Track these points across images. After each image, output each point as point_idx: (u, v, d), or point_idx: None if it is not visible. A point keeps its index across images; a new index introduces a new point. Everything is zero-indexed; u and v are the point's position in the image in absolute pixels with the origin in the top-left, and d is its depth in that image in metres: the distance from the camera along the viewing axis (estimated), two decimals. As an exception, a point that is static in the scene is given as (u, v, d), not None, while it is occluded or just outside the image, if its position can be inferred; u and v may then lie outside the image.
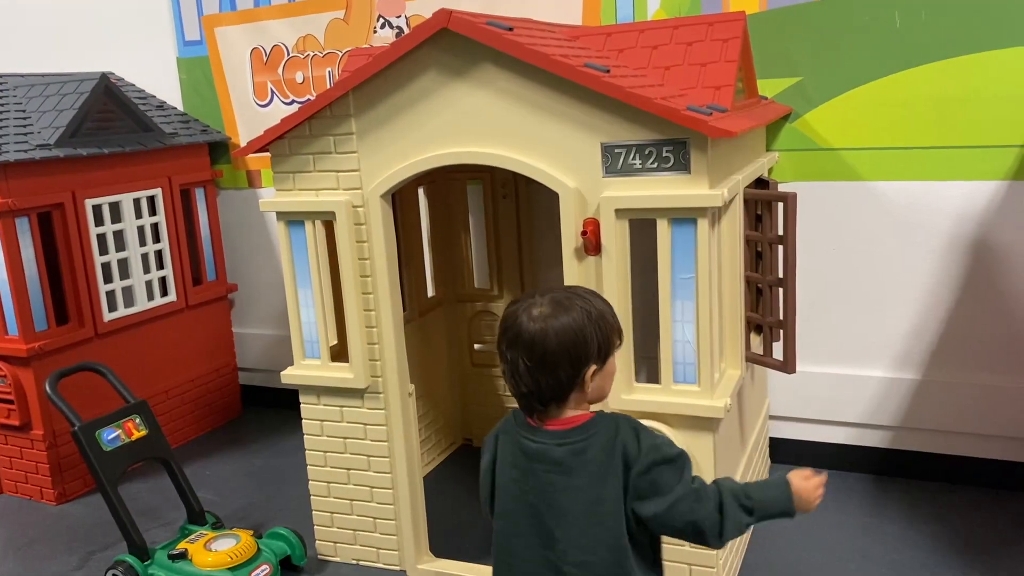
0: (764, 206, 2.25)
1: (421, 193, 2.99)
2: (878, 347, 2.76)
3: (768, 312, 2.29)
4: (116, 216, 3.17)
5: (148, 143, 3.25)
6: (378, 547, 2.46)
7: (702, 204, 1.89)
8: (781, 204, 2.19)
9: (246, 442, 3.50)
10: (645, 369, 2.33)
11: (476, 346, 3.18)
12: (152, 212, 3.31)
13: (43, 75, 3.34)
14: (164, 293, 3.38)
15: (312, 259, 2.32)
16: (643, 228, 2.00)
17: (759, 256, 2.30)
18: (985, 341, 2.63)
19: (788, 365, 2.24)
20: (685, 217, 1.91)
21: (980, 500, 2.65)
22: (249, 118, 3.56)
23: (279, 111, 3.40)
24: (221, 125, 3.62)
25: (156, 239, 3.33)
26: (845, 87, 2.62)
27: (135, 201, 3.23)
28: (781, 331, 2.28)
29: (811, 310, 2.75)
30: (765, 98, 2.67)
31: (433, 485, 2.77)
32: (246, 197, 3.65)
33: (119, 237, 3.19)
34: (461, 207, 3.09)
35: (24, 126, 2.98)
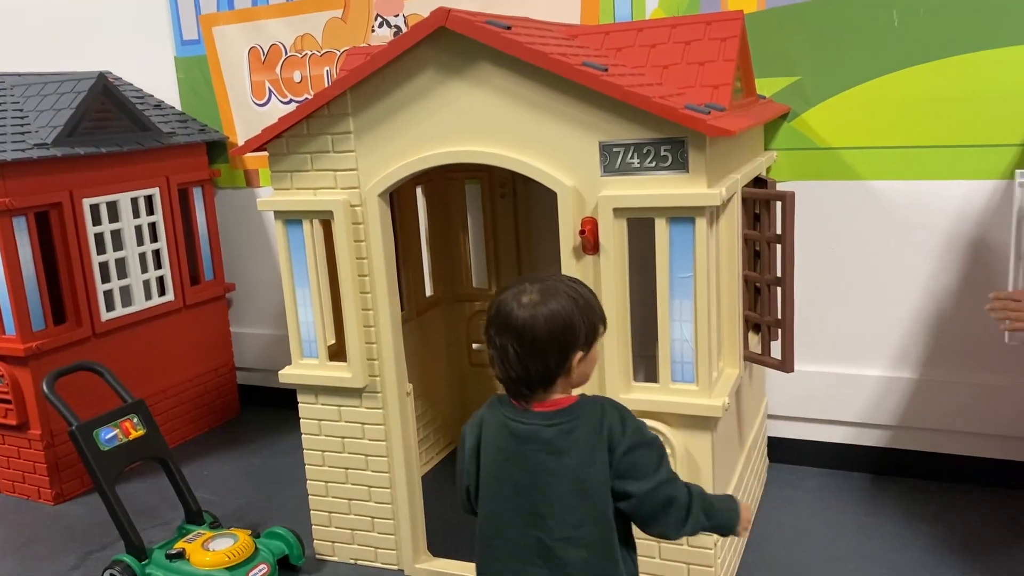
0: (762, 205, 2.25)
1: (419, 192, 2.99)
2: (876, 346, 2.76)
3: (766, 311, 2.29)
4: (114, 216, 3.17)
5: (146, 142, 3.25)
6: (376, 546, 2.46)
7: (700, 203, 1.89)
8: (779, 203, 2.19)
9: (244, 442, 3.50)
10: (644, 368, 2.33)
11: (474, 346, 3.18)
12: (150, 211, 3.31)
13: (40, 74, 3.34)
14: (162, 293, 3.38)
15: (310, 258, 2.32)
16: (641, 227, 2.00)
17: (757, 255, 2.31)
18: (983, 340, 2.63)
19: (786, 364, 2.24)
20: (683, 216, 1.91)
21: (978, 499, 2.65)
22: (247, 117, 3.55)
23: (277, 110, 3.39)
24: (219, 124, 3.62)
25: (154, 239, 3.33)
26: (843, 86, 2.62)
27: (133, 200, 3.23)
28: (779, 330, 2.28)
29: (809, 309, 2.76)
30: (763, 97, 2.67)
31: (431, 484, 2.78)
32: (244, 196, 3.65)
33: (117, 237, 3.18)
34: (459, 206, 3.09)
35: (21, 125, 2.98)
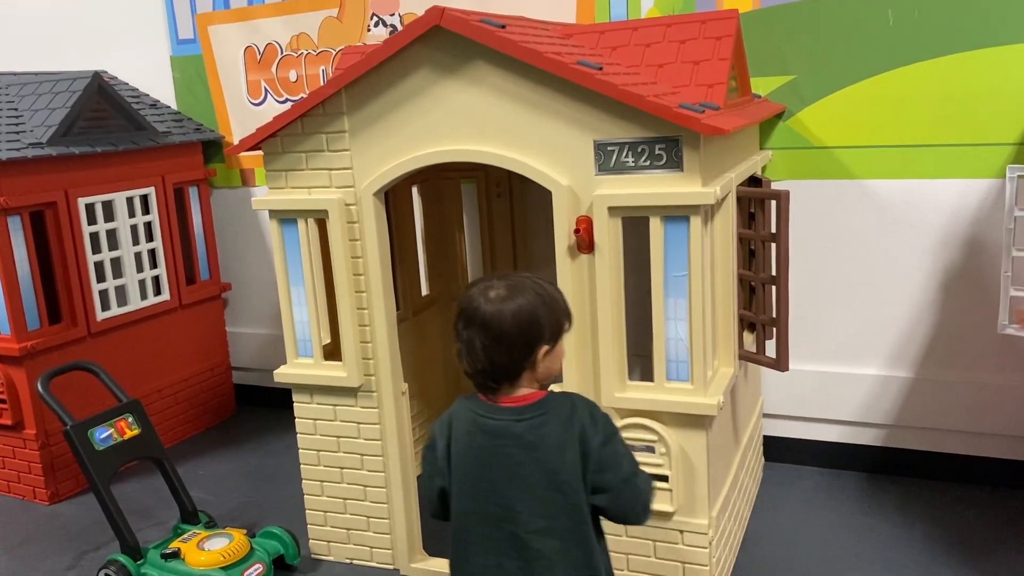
0: (757, 204, 2.25)
1: (415, 191, 2.99)
2: (871, 345, 2.77)
3: (761, 310, 2.30)
4: (109, 215, 3.16)
5: (141, 142, 3.24)
6: (372, 546, 2.46)
7: (695, 202, 1.89)
8: (774, 202, 2.19)
9: (239, 441, 3.49)
10: (639, 367, 2.33)
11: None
12: (145, 211, 3.30)
13: (36, 74, 3.33)
14: (157, 292, 3.37)
15: (305, 258, 2.31)
16: (636, 226, 2.00)
17: (752, 254, 2.31)
18: (978, 339, 2.63)
19: (781, 363, 2.24)
20: (678, 215, 1.91)
21: (973, 498, 2.65)
22: (243, 117, 3.55)
23: (273, 109, 3.39)
24: (215, 124, 3.61)
25: (149, 238, 3.32)
26: (838, 85, 2.62)
27: (128, 200, 3.22)
28: (774, 329, 2.28)
29: (804, 308, 2.76)
30: (758, 96, 2.67)
31: (427, 484, 2.77)
32: (240, 196, 3.65)
33: (112, 236, 3.18)
34: (455, 205, 3.09)
35: (16, 125, 2.97)
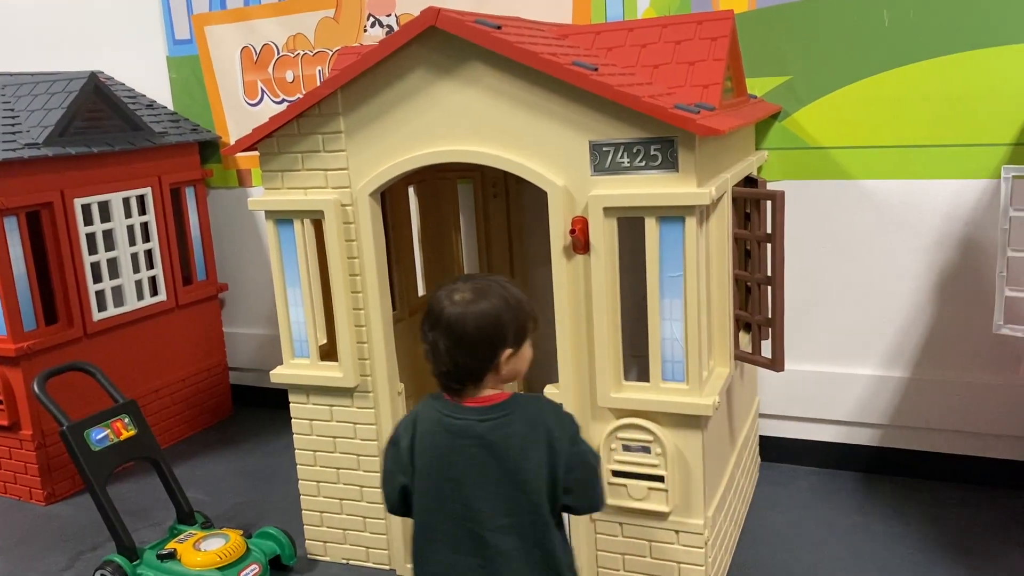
0: (752, 204, 2.25)
1: (411, 192, 2.98)
2: (867, 345, 2.77)
3: (757, 310, 2.30)
4: (105, 215, 3.16)
5: (138, 142, 3.24)
6: (368, 546, 2.46)
7: (690, 202, 1.89)
8: (769, 202, 2.19)
9: (236, 442, 3.49)
10: (635, 368, 2.33)
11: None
12: (142, 211, 3.30)
13: (32, 74, 3.33)
14: (154, 293, 3.37)
15: (301, 258, 2.31)
16: (631, 226, 2.00)
17: (748, 254, 2.31)
18: (974, 339, 2.64)
19: (777, 363, 2.24)
20: (673, 216, 1.91)
21: (969, 498, 2.65)
22: (239, 117, 3.55)
23: (269, 110, 3.39)
24: (211, 124, 3.61)
25: (146, 238, 3.32)
26: (834, 86, 2.62)
27: (124, 200, 3.22)
28: (770, 329, 2.28)
29: (800, 308, 2.76)
30: (754, 96, 2.67)
31: (423, 484, 2.77)
32: (236, 196, 3.64)
33: (108, 236, 3.17)
34: (451, 206, 3.09)
35: (12, 125, 2.97)
